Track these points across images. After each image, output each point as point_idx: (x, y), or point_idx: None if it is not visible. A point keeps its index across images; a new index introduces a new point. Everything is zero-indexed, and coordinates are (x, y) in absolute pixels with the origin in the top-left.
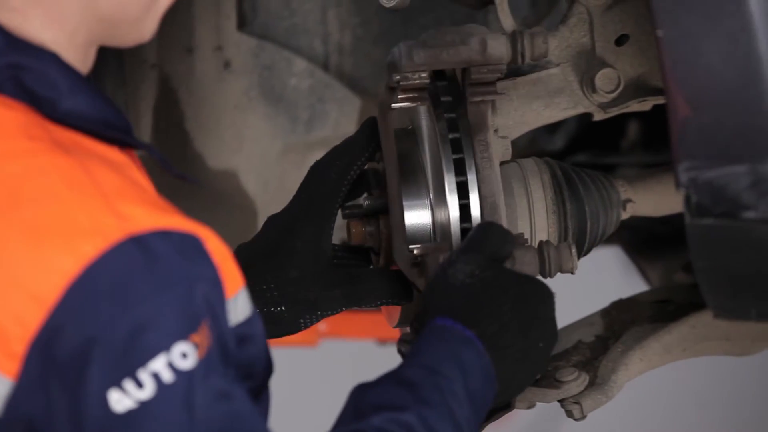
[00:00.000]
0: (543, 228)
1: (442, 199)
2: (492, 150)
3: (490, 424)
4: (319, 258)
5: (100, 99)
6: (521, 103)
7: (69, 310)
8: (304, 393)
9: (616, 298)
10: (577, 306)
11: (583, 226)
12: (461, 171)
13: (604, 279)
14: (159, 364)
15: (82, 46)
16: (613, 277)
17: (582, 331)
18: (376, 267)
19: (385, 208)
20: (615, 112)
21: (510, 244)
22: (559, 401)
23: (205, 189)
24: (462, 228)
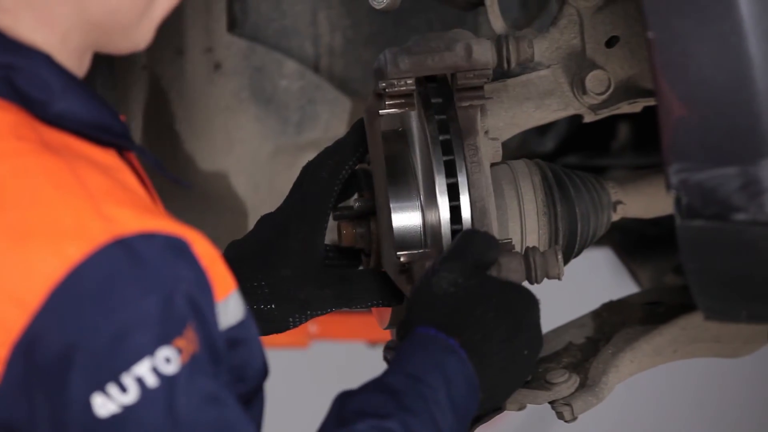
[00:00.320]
0: (534, 230)
1: (432, 201)
2: (482, 154)
3: (480, 426)
4: (311, 258)
5: (94, 101)
6: (512, 105)
7: (52, 314)
8: (294, 394)
9: (606, 299)
10: (568, 307)
11: (574, 227)
12: (452, 173)
13: (594, 281)
14: (143, 368)
15: (75, 51)
16: (604, 279)
17: (573, 333)
18: (367, 268)
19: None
20: (605, 113)
21: (495, 251)
22: (550, 403)
23: (196, 190)
24: (452, 230)
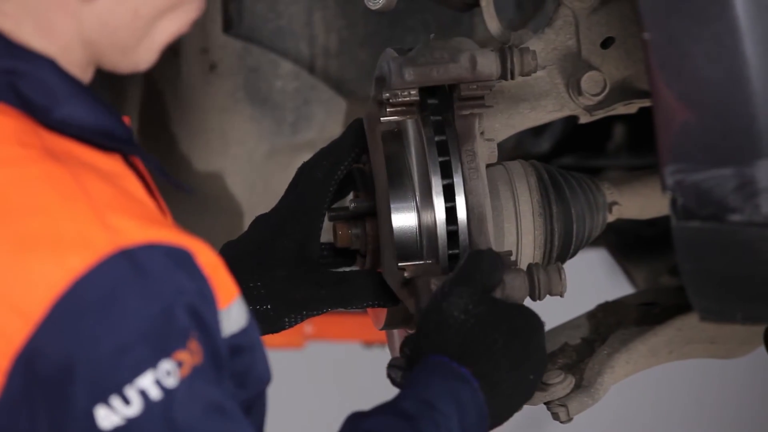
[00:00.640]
0: (529, 231)
1: (428, 202)
2: (479, 159)
3: None
4: (307, 258)
5: (98, 106)
6: (507, 106)
7: (55, 326)
8: (289, 395)
9: (602, 300)
10: (563, 308)
11: (570, 228)
12: (447, 174)
13: (590, 281)
14: (146, 380)
15: (76, 63)
16: (599, 280)
17: (568, 334)
18: (362, 269)
19: (372, 210)
20: (601, 114)
21: (501, 271)
22: (545, 404)
23: (191, 191)
24: (448, 231)
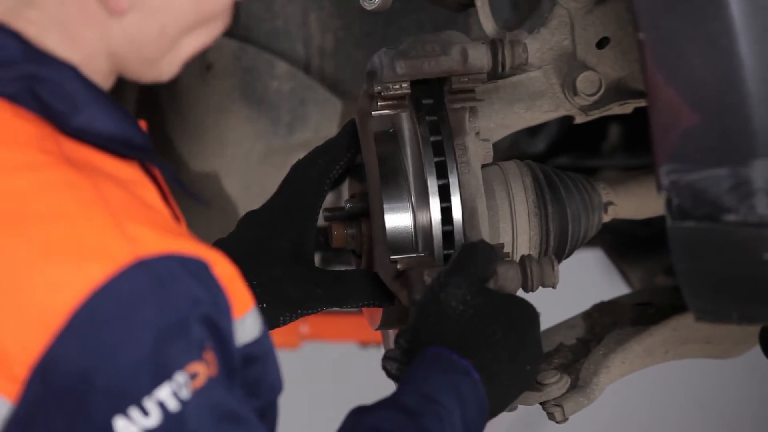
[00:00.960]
0: (525, 231)
1: (423, 202)
2: (471, 154)
3: None
4: (302, 257)
5: (117, 113)
6: (502, 106)
7: (73, 335)
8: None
9: (597, 300)
10: (559, 308)
11: (565, 228)
12: (443, 174)
13: (585, 281)
14: (164, 392)
15: (99, 72)
16: (595, 280)
17: (563, 334)
18: (358, 268)
19: (367, 210)
20: (596, 114)
21: (494, 262)
22: (541, 404)
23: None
24: (443, 231)
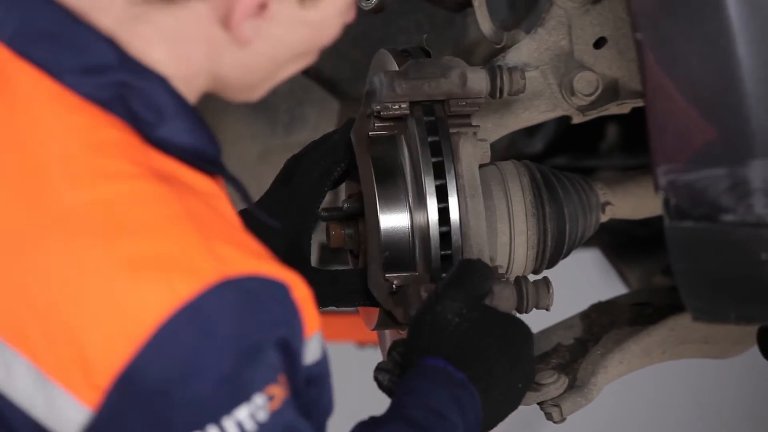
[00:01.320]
0: (522, 231)
1: (421, 203)
2: (464, 181)
3: None
4: (300, 256)
5: (200, 128)
6: (500, 106)
7: (157, 350)
8: None
9: (595, 300)
10: (557, 308)
11: (562, 228)
12: (440, 175)
13: (583, 282)
14: (243, 413)
15: (193, 89)
16: (593, 280)
17: (561, 334)
18: (355, 268)
19: (364, 211)
20: (594, 114)
21: (491, 280)
22: (539, 404)
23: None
24: (441, 232)
